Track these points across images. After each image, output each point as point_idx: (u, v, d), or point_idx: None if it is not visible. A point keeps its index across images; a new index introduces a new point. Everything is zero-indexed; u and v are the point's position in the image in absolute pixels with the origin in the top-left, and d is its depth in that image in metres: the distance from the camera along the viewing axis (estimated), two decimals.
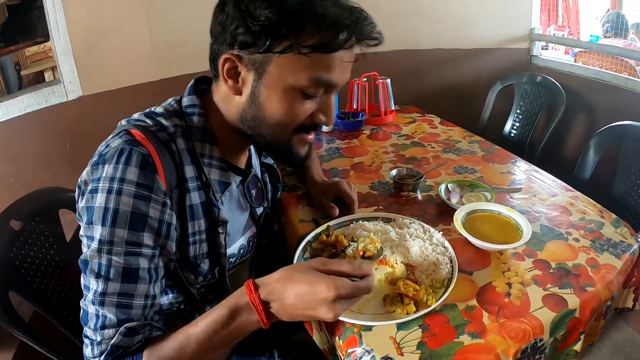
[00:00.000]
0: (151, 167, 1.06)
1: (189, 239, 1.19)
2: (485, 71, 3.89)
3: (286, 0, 1.03)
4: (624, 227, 1.57)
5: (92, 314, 1.03)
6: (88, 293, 1.03)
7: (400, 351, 1.12)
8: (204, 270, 1.25)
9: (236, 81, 1.15)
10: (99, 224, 1.02)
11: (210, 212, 1.23)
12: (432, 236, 1.49)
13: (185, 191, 1.17)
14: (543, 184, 1.89)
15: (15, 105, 2.77)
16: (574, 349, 1.26)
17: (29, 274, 1.45)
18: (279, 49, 1.05)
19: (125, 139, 1.07)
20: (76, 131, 3.01)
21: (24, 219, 1.47)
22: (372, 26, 1.12)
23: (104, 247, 1.01)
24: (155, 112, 1.22)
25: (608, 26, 4.47)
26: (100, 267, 1.02)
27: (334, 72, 1.12)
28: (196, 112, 1.22)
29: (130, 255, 1.03)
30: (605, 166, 2.35)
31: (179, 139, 1.18)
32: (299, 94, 1.13)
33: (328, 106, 1.20)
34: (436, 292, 1.27)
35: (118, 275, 1.02)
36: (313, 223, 1.69)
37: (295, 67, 1.08)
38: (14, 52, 2.87)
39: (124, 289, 1.03)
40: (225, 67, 1.13)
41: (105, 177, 1.03)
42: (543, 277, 1.35)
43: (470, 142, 2.40)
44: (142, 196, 1.04)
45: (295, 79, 1.10)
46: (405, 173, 1.96)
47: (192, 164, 1.19)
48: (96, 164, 1.06)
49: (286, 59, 1.07)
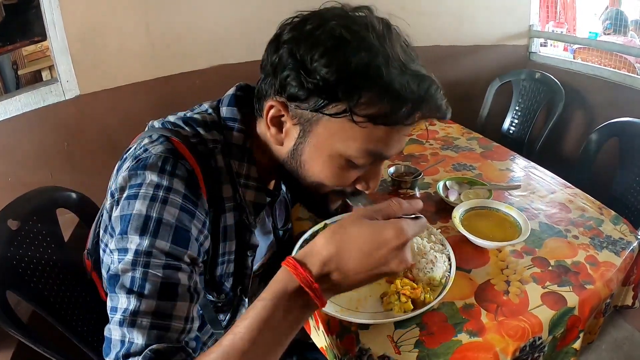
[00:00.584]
0: (196, 184, 0.98)
1: (218, 259, 1.12)
2: (484, 68, 3.88)
3: (348, 60, 0.89)
4: (624, 224, 1.57)
5: (116, 341, 0.84)
6: (115, 315, 0.86)
7: (397, 350, 1.12)
8: (226, 289, 1.20)
9: (279, 131, 1.03)
10: (136, 234, 0.89)
11: (242, 234, 1.14)
12: (431, 234, 1.49)
13: (220, 211, 1.08)
14: (542, 181, 1.89)
15: (13, 104, 2.76)
16: (573, 347, 1.26)
17: (27, 274, 1.44)
18: (331, 111, 0.92)
19: (168, 147, 0.98)
20: (74, 130, 3.00)
21: (22, 218, 1.46)
22: (441, 99, 0.99)
23: (141, 259, 0.88)
24: (194, 119, 1.09)
25: (608, 23, 4.45)
26: (134, 281, 0.87)
27: (389, 147, 0.99)
28: (236, 128, 1.10)
29: (170, 269, 0.89)
30: (605, 163, 2.35)
31: (218, 155, 1.07)
32: (346, 162, 1.00)
33: (374, 176, 1.09)
34: (434, 290, 1.27)
35: (155, 291, 0.86)
36: (310, 221, 1.68)
37: (347, 135, 0.95)
38: (11, 52, 2.86)
39: (160, 308, 0.86)
40: (270, 113, 1.00)
41: (149, 182, 0.93)
42: (542, 274, 1.35)
43: (469, 139, 2.40)
44: (188, 211, 0.95)
45: (345, 147, 0.97)
46: (404, 170, 1.96)
47: (229, 183, 1.09)
48: (135, 169, 0.95)
49: (337, 124, 0.94)
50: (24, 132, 2.87)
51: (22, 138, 2.87)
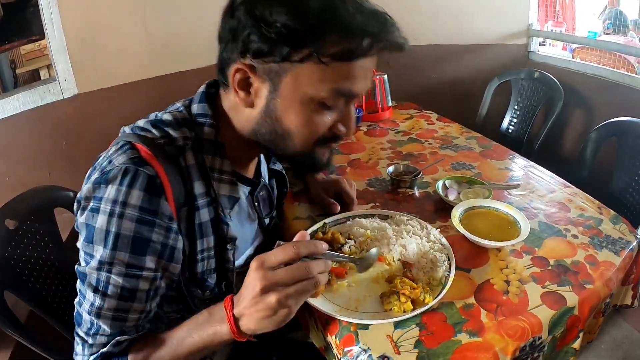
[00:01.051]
0: (157, 191, 1.01)
1: (197, 256, 1.15)
2: (483, 67, 3.88)
3: (307, 6, 0.95)
4: (623, 224, 1.56)
5: (86, 320, 1.04)
6: (83, 301, 1.04)
7: (397, 350, 1.11)
8: (211, 285, 1.22)
9: (248, 93, 1.07)
10: (100, 245, 1.00)
11: (219, 228, 1.17)
12: (430, 233, 1.49)
13: (194, 209, 1.12)
14: (541, 180, 1.89)
15: (11, 103, 2.76)
16: (572, 346, 1.26)
17: (25, 274, 1.44)
18: (297, 57, 0.97)
19: (131, 156, 1.02)
20: (72, 129, 3.00)
21: (20, 218, 1.46)
22: (397, 31, 1.04)
23: (104, 266, 1.00)
24: (163, 121, 1.13)
25: (608, 23, 4.44)
26: (99, 282, 1.01)
27: (355, 82, 1.04)
28: (207, 123, 1.15)
29: (130, 277, 1.02)
30: (604, 162, 2.35)
31: (188, 152, 1.11)
32: (318, 106, 1.05)
33: (348, 117, 1.13)
34: (433, 289, 1.27)
35: (116, 293, 1.01)
36: (309, 220, 1.68)
37: (315, 78, 1.00)
38: (9, 51, 2.86)
39: (120, 306, 1.03)
40: (236, 77, 1.04)
41: (108, 198, 0.99)
42: (541, 274, 1.34)
43: (468, 139, 2.39)
44: (146, 221, 1.01)
45: (315, 90, 1.02)
46: (403, 169, 1.95)
47: (202, 180, 1.13)
48: (98, 183, 1.01)
49: (304, 69, 0.99)
50: (22, 131, 2.86)
51: (20, 137, 2.86)
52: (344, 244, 1.45)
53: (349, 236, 1.49)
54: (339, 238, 1.46)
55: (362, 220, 1.57)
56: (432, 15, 3.73)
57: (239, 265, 1.33)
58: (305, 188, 1.84)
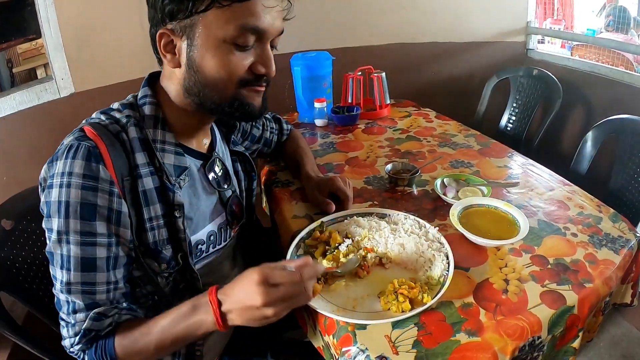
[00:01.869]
0: (96, 159, 1.11)
1: (146, 225, 1.21)
2: (481, 65, 3.90)
3: None
4: (622, 222, 1.56)
5: (63, 301, 1.12)
6: (56, 282, 1.12)
7: (395, 350, 1.11)
8: (166, 257, 1.26)
9: (173, 54, 1.17)
10: (55, 217, 1.09)
11: (166, 196, 1.24)
12: (428, 232, 1.48)
13: (137, 177, 1.19)
14: (540, 178, 1.88)
15: (8, 102, 2.75)
16: (572, 346, 1.26)
17: (21, 274, 1.44)
18: (202, 7, 1.09)
19: (76, 136, 1.14)
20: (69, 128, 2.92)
21: (16, 218, 1.46)
22: None
23: (62, 237, 1.09)
24: (112, 108, 1.26)
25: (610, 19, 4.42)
26: (62, 258, 1.10)
27: (258, 18, 1.13)
28: (147, 102, 1.25)
29: (86, 246, 1.10)
30: (603, 160, 2.35)
31: (130, 128, 1.21)
32: (232, 47, 1.15)
33: (265, 56, 1.21)
34: (432, 289, 1.26)
35: (77, 265, 1.10)
36: (307, 219, 1.68)
37: (221, 21, 1.11)
38: (6, 50, 2.86)
39: (85, 279, 1.11)
40: (162, 43, 1.16)
41: (57, 172, 1.10)
42: (541, 273, 1.34)
43: (466, 136, 2.38)
44: (89, 187, 1.10)
45: (224, 32, 1.12)
46: (401, 167, 1.94)
47: (144, 151, 1.21)
48: (51, 161, 1.13)
49: (211, 16, 1.10)
50: (18, 130, 2.87)
51: (16, 136, 2.87)
52: (341, 243, 1.44)
53: (347, 235, 1.49)
54: (337, 237, 1.46)
55: (360, 219, 1.56)
56: (431, 13, 3.74)
57: (200, 239, 1.40)
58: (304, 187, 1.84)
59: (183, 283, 1.33)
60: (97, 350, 1.12)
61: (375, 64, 2.84)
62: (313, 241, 1.48)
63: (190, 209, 1.33)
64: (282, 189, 1.92)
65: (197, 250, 1.38)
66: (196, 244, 1.37)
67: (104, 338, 1.13)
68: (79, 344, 1.12)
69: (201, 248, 1.40)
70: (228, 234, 1.52)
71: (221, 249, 1.50)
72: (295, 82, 2.74)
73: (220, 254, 1.50)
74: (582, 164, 2.39)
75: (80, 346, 1.13)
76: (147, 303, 1.29)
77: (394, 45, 3.74)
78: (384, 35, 3.72)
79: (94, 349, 1.13)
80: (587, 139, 2.37)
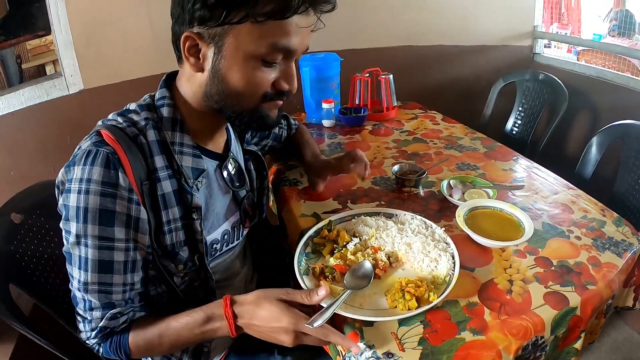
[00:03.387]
0: (114, 165, 1.11)
1: (164, 227, 1.22)
2: (488, 68, 3.89)
3: None
4: (626, 226, 1.57)
5: (79, 298, 1.16)
6: (73, 280, 1.15)
7: (401, 347, 1.12)
8: (183, 258, 1.27)
9: (197, 58, 1.16)
10: (74, 221, 1.10)
11: (184, 199, 1.25)
12: (434, 232, 1.50)
13: (155, 181, 1.20)
14: (545, 182, 1.90)
15: (17, 98, 2.77)
16: (574, 347, 1.27)
17: (30, 267, 1.45)
18: (235, 19, 1.07)
19: (94, 140, 1.13)
20: (77, 124, 3.00)
21: (25, 212, 1.47)
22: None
23: (81, 240, 1.11)
24: (129, 110, 1.26)
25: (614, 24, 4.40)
26: (80, 259, 1.12)
27: (291, 38, 1.12)
28: (165, 103, 1.25)
29: (104, 249, 1.12)
30: (607, 165, 2.35)
31: (149, 131, 1.21)
32: (259, 63, 1.15)
33: (289, 73, 1.22)
34: (438, 288, 1.28)
35: (95, 267, 1.12)
36: (314, 217, 1.69)
37: (253, 36, 1.10)
38: (15, 45, 2.87)
39: (102, 279, 1.13)
40: (187, 45, 1.14)
41: (75, 178, 1.10)
42: (545, 274, 1.35)
43: (473, 139, 2.40)
44: (108, 194, 1.10)
45: (254, 47, 1.11)
46: (408, 169, 1.95)
47: (162, 154, 1.22)
48: (68, 166, 1.13)
49: (243, 29, 1.09)
50: (27, 125, 2.87)
51: (25, 132, 2.87)
52: (349, 242, 1.46)
53: (354, 234, 1.51)
54: (345, 236, 1.48)
55: (368, 218, 1.58)
56: (438, 16, 3.74)
57: (215, 239, 1.42)
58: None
59: (197, 281, 1.34)
60: (112, 344, 1.19)
61: (382, 65, 2.85)
62: (321, 239, 1.50)
63: (207, 209, 1.34)
64: (290, 188, 1.94)
65: (212, 249, 1.39)
66: (211, 244, 1.39)
67: (119, 334, 1.19)
68: (95, 338, 1.19)
69: (216, 247, 1.42)
70: (241, 232, 1.53)
71: (234, 247, 1.52)
72: (303, 83, 2.75)
73: (232, 252, 1.52)
74: (586, 168, 2.39)
75: (97, 340, 1.19)
76: (161, 300, 1.31)
77: (401, 48, 3.74)
78: (391, 37, 3.72)
79: (109, 343, 1.19)
80: (592, 143, 2.38)
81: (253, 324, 1.15)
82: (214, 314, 1.18)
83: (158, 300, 1.31)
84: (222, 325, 1.17)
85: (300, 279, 1.33)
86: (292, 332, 1.12)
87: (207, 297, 1.35)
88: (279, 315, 1.12)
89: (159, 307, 1.30)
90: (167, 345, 1.21)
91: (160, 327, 1.20)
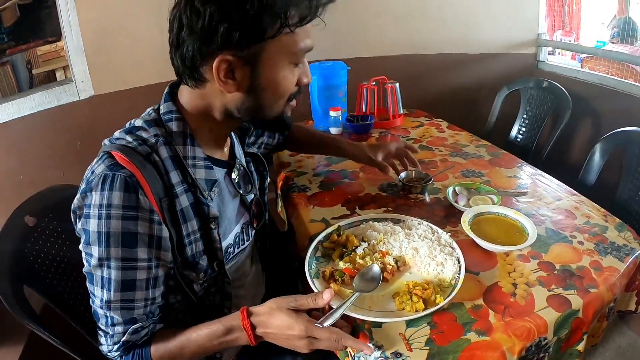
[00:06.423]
0: (134, 188, 1.10)
1: (185, 240, 1.23)
2: (492, 76, 3.91)
3: None
4: (628, 232, 1.59)
5: (101, 315, 1.17)
6: (95, 298, 1.16)
7: (409, 347, 1.15)
8: (203, 267, 1.29)
9: (233, 79, 1.14)
10: (95, 245, 1.10)
11: (200, 210, 1.26)
12: (440, 237, 1.53)
13: (174, 197, 1.20)
14: (548, 188, 1.92)
15: (27, 103, 2.80)
16: (577, 348, 1.29)
17: (43, 269, 1.47)
18: (271, 34, 1.09)
19: (108, 164, 1.12)
20: (87, 130, 3.03)
21: (38, 215, 1.49)
22: None
23: (104, 262, 1.11)
24: (135, 126, 1.23)
25: (615, 31, 4.40)
26: (103, 280, 1.13)
27: (310, 38, 1.19)
28: (174, 117, 1.23)
29: (127, 270, 1.12)
30: (610, 171, 2.37)
31: (160, 148, 1.20)
32: (292, 67, 1.21)
33: (306, 68, 1.28)
34: (444, 291, 1.30)
35: (118, 287, 1.13)
36: (323, 223, 1.72)
37: (289, 45, 1.14)
38: (26, 51, 2.90)
39: (124, 297, 1.14)
40: (221, 70, 1.12)
41: (94, 204, 1.09)
42: (548, 278, 1.37)
43: (477, 147, 2.43)
44: (130, 217, 1.10)
45: (292, 56, 1.18)
46: (414, 176, 1.99)
47: (177, 170, 1.21)
48: (84, 192, 1.12)
49: (277, 42, 1.11)
50: (37, 130, 2.90)
51: (35, 137, 2.90)
52: (357, 246, 1.49)
53: (363, 239, 1.54)
54: (353, 240, 1.51)
55: (375, 223, 1.61)
56: (443, 24, 3.77)
57: (229, 243, 1.44)
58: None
59: (214, 287, 1.36)
60: (134, 356, 1.21)
61: (388, 73, 2.89)
62: (330, 244, 1.53)
63: (220, 216, 1.34)
64: (299, 194, 1.97)
65: (226, 253, 1.41)
66: (226, 248, 1.40)
67: (140, 347, 1.21)
68: (118, 352, 1.20)
69: (230, 251, 1.44)
70: (250, 233, 1.56)
71: (244, 249, 1.54)
72: (311, 91, 2.78)
73: (243, 253, 1.54)
74: (590, 174, 2.40)
75: (119, 353, 1.20)
76: (176, 307, 1.32)
77: (407, 56, 3.77)
78: (397, 45, 3.75)
79: (131, 356, 1.21)
80: (596, 150, 2.39)
81: (269, 332, 1.17)
82: (233, 326, 1.19)
83: (174, 307, 1.32)
84: (241, 335, 1.19)
85: (311, 282, 1.36)
86: (305, 338, 1.14)
87: (222, 301, 1.38)
88: (290, 323, 1.14)
89: (175, 314, 1.32)
90: (189, 356, 1.22)
91: (181, 339, 1.21)
